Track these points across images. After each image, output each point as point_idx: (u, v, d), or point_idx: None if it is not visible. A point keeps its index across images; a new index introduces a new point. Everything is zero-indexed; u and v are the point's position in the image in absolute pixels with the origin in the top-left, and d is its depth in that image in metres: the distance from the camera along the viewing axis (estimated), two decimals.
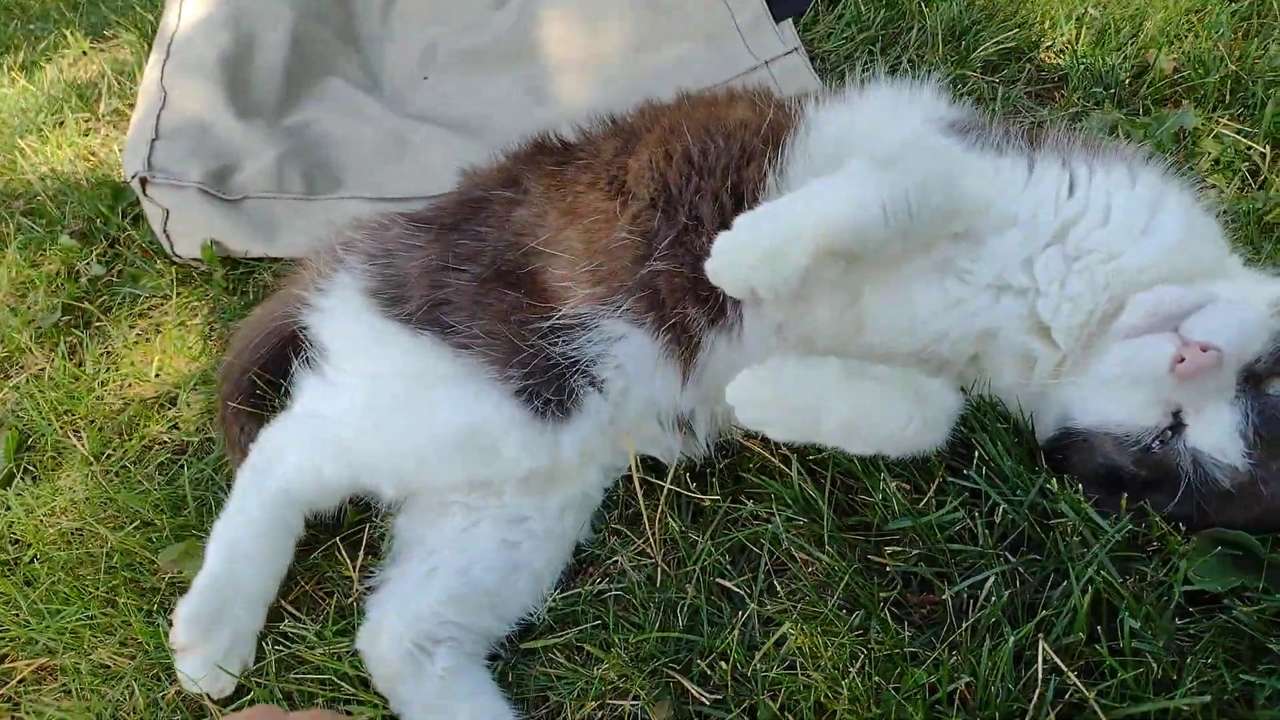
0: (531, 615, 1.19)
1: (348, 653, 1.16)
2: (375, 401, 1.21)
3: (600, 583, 1.20)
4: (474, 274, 1.19)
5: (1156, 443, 1.01)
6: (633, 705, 1.09)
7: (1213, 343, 0.95)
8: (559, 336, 1.15)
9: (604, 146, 1.29)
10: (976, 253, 1.09)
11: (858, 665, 1.01)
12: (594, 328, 1.16)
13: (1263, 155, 1.41)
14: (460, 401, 1.16)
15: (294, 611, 1.22)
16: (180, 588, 1.23)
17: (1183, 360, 0.95)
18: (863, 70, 1.68)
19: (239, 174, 1.83)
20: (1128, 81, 1.57)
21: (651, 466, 1.26)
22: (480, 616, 1.17)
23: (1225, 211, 1.36)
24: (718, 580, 1.16)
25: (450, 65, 2.18)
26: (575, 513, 1.23)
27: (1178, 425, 1.00)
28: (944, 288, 1.10)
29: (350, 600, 1.23)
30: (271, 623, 1.20)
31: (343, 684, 1.14)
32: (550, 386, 1.14)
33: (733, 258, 1.02)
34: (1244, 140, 1.44)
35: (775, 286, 1.01)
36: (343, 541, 1.26)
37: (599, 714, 1.11)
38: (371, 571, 1.24)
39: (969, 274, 1.09)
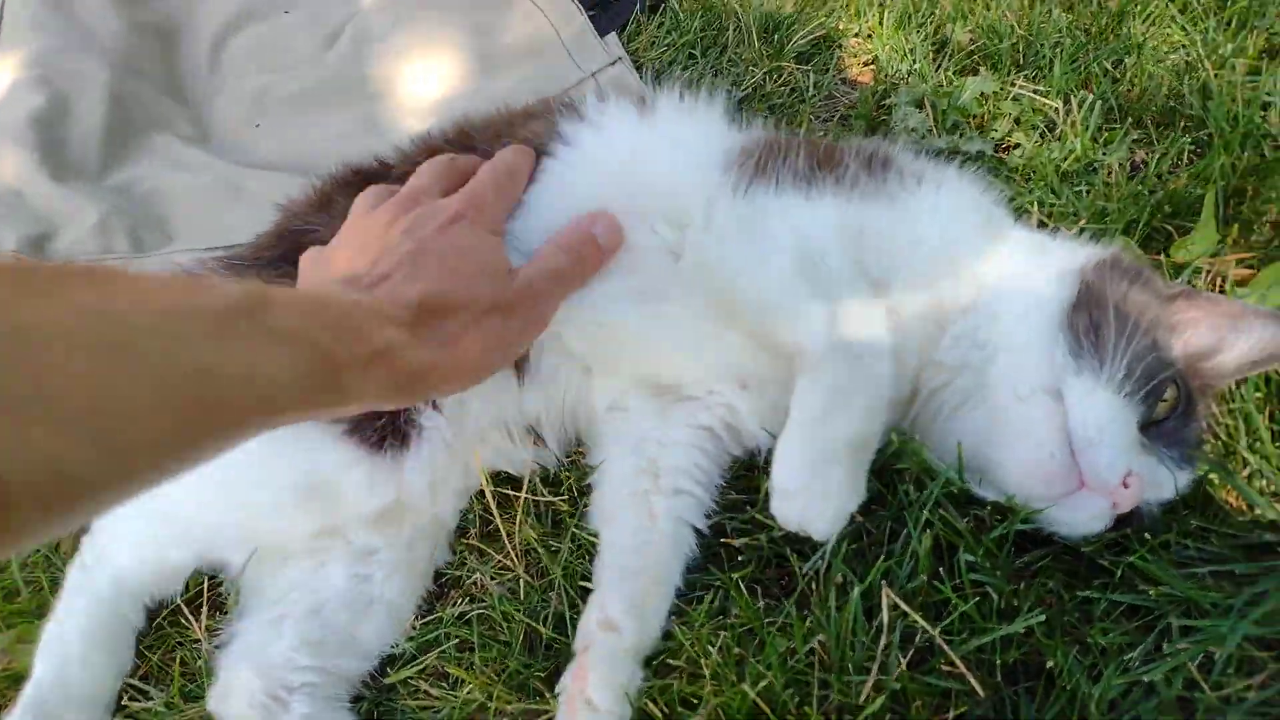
0: (393, 648, 1.15)
1: (200, 717, 1.10)
2: (215, 468, 1.14)
3: (462, 604, 1.17)
4: None
5: None
6: None
7: (1123, 473, 0.95)
8: None
9: (419, 159, 1.27)
10: None
11: (718, 644, 1.01)
12: None
13: (1056, 110, 1.49)
14: (294, 451, 1.11)
15: (140, 686, 1.15)
16: (16, 678, 1.15)
17: (1117, 504, 0.96)
18: (683, 72, 1.72)
19: (59, 239, 1.74)
20: (931, 56, 1.64)
21: (506, 479, 1.24)
22: (337, 657, 1.12)
23: (1026, 166, 1.44)
24: (581, 584, 1.14)
25: (283, 109, 2.13)
26: (427, 539, 1.19)
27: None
28: None
29: (199, 662, 1.16)
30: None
31: None
32: (380, 415, 1.11)
33: (812, 521, 0.95)
34: (1039, 98, 1.52)
35: (855, 505, 0.97)
36: (186, 604, 1.20)
37: None
38: (220, 629, 1.18)
39: None
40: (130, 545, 1.15)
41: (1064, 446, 0.97)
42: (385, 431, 1.11)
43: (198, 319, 0.64)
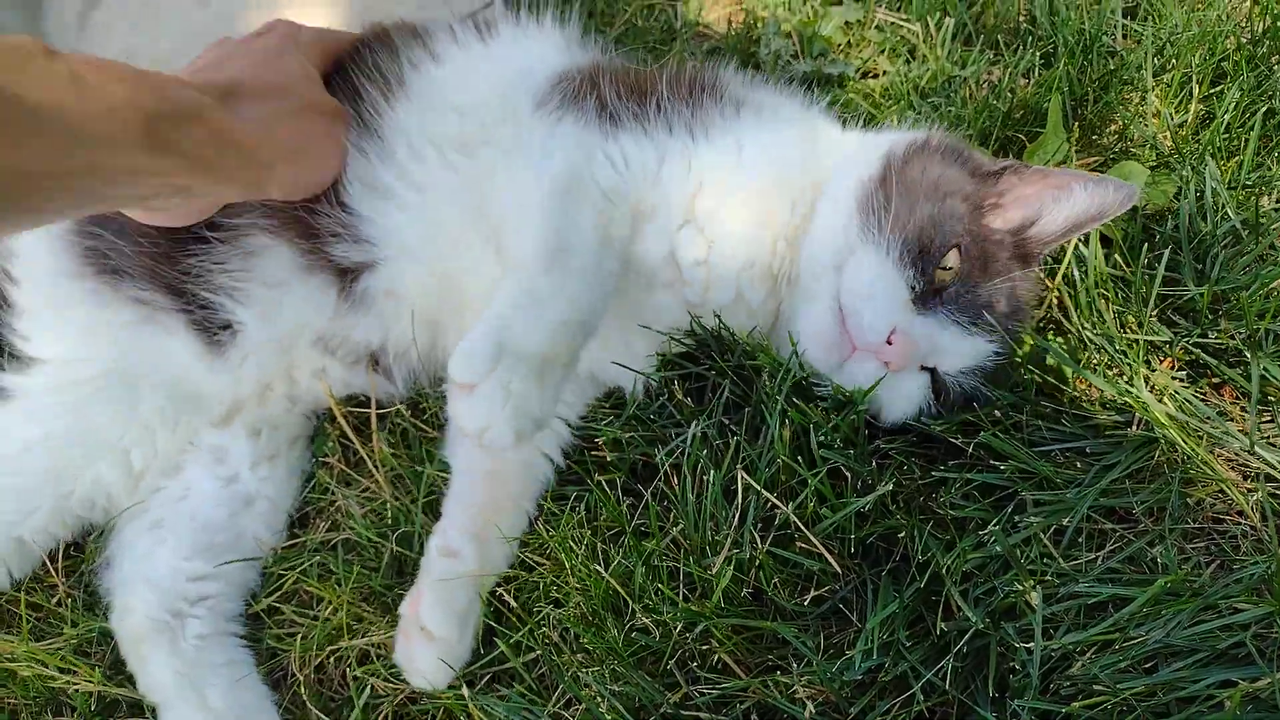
0: (272, 556, 1.14)
1: (55, 649, 1.06)
2: (80, 394, 1.08)
3: (327, 531, 1.14)
4: None
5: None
6: (366, 645, 1.04)
7: (884, 331, 0.96)
8: (207, 258, 1.07)
9: None
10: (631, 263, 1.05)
11: (584, 544, 0.99)
12: (234, 240, 1.08)
13: (916, 34, 1.52)
14: (147, 358, 1.09)
15: None
16: None
17: (888, 363, 0.96)
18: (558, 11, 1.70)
19: None
20: None
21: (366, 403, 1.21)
22: (228, 558, 1.10)
23: (889, 89, 1.46)
24: None
25: (154, 68, 2.06)
26: (269, 429, 1.17)
27: (932, 371, 1.02)
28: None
29: (55, 601, 1.11)
30: None
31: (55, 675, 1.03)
32: (209, 310, 1.09)
33: (490, 431, 0.86)
34: (901, 25, 1.55)
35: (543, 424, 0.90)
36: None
37: (331, 660, 1.04)
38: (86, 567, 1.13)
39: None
40: None
41: (836, 314, 0.99)
42: (213, 321, 1.09)
43: None
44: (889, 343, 0.95)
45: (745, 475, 0.94)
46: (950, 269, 0.99)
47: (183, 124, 0.80)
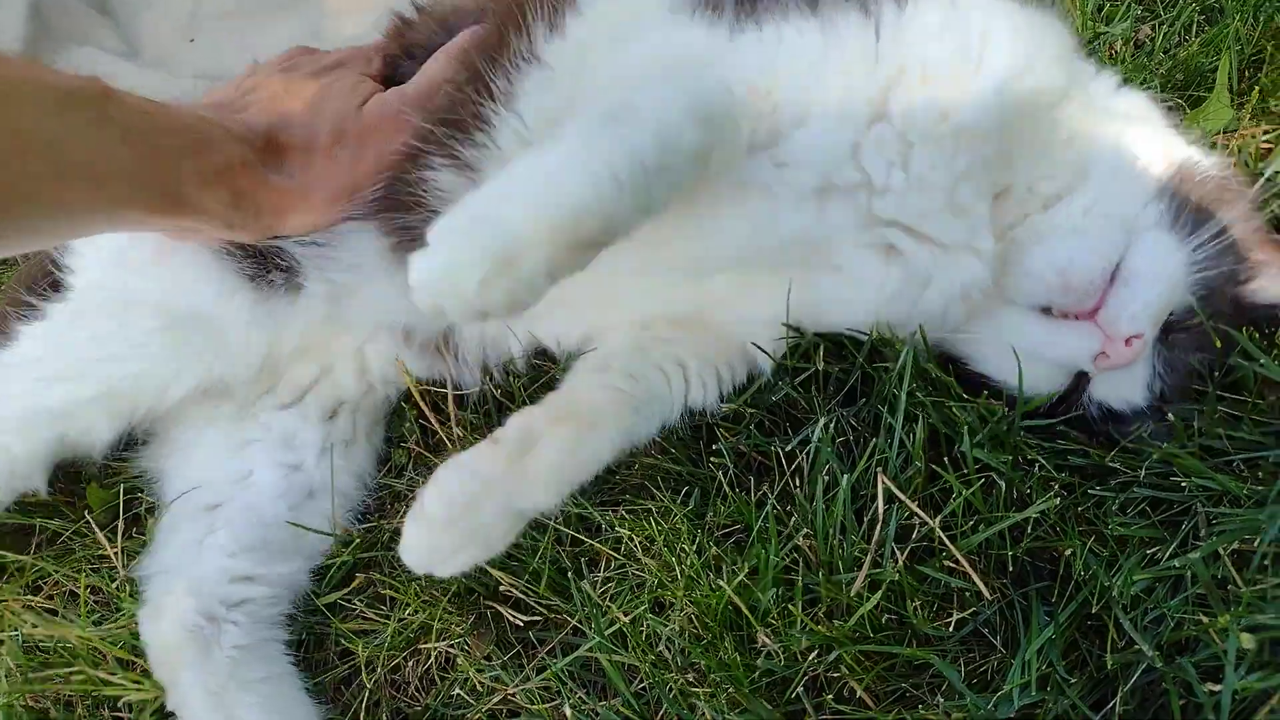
0: (328, 559, 1.04)
1: (111, 639, 0.98)
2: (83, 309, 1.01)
3: (402, 519, 1.05)
4: None
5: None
6: (449, 648, 0.94)
7: (1137, 330, 0.83)
8: None
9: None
10: (779, 156, 0.84)
11: (694, 545, 0.89)
12: None
13: None
14: (167, 272, 1.00)
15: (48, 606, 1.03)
16: None
17: (1106, 355, 0.84)
18: None
19: None
20: None
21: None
22: (283, 560, 1.01)
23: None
24: None
25: (217, 24, 2.00)
26: (348, 412, 1.09)
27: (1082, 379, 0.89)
28: (747, 208, 0.86)
29: (116, 585, 1.03)
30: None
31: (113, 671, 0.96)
32: (271, 266, 0.99)
33: (449, 281, 0.68)
34: None
35: (517, 302, 0.69)
36: (93, 515, 1.07)
37: (409, 663, 0.95)
38: (139, 546, 1.05)
39: (778, 184, 0.85)
40: None
41: (1109, 268, 0.84)
42: (264, 261, 0.99)
43: (44, 92, 0.69)
44: (1128, 343, 0.82)
45: (886, 481, 0.82)
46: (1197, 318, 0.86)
47: (213, 185, 0.83)
